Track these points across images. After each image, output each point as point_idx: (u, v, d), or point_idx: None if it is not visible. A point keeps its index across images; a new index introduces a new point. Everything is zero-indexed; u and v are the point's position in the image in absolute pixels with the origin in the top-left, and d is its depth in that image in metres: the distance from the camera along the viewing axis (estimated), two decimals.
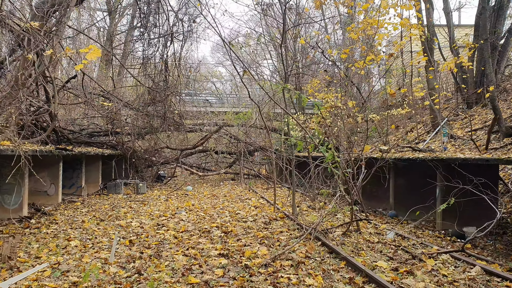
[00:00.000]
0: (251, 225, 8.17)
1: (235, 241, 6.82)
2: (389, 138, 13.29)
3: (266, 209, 10.17)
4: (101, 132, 16.29)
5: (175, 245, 6.67)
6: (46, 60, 11.64)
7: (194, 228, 7.93)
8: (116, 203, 11.52)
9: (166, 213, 9.68)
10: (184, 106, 18.91)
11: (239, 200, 12.23)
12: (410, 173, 11.15)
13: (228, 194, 13.93)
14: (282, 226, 8.05)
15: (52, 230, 7.40)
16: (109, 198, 12.84)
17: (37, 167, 11.50)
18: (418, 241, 6.98)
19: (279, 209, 9.73)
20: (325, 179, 11.43)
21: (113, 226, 8.11)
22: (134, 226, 8.13)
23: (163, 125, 16.81)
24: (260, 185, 17.64)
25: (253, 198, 12.64)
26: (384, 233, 7.65)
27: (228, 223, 8.41)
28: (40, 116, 12.50)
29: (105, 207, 10.53)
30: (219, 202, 11.77)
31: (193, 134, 21.25)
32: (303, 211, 9.81)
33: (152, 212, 9.86)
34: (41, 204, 11.05)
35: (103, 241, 6.77)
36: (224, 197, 13.13)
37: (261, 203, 11.30)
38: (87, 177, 14.84)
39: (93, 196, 13.19)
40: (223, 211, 10.02)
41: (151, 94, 16.43)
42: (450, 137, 12.55)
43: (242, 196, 13.27)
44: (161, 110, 16.68)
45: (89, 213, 9.52)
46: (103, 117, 15.51)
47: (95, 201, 11.80)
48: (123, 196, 13.29)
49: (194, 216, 9.35)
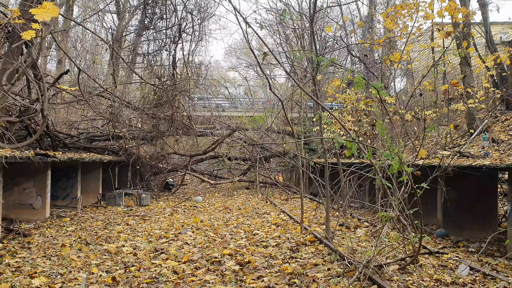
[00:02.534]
0: (274, 252, 6.35)
1: (254, 279, 5.01)
2: (417, 142, 11.38)
3: (290, 228, 8.33)
4: (102, 136, 14.74)
5: (173, 285, 4.90)
6: (35, 52, 10.14)
7: (200, 256, 6.15)
8: (112, 218, 9.85)
9: (168, 233, 7.94)
10: (194, 109, 17.29)
11: (255, 215, 10.43)
12: (463, 184, 9.17)
13: (243, 207, 12.14)
14: (314, 254, 6.20)
15: (17, 261, 5.72)
16: (106, 211, 11.19)
17: (22, 176, 9.94)
18: (510, 281, 5.03)
19: (307, 229, 7.87)
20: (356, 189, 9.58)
21: (99, 252, 6.39)
22: (126, 253, 6.41)
23: (170, 128, 15.19)
24: (278, 195, 15.80)
25: (272, 212, 10.81)
26: (452, 266, 5.73)
27: (244, 248, 6.61)
28: (31, 117, 11.00)
29: (97, 224, 8.85)
30: (233, 217, 9.99)
31: (203, 139, 19.59)
32: (335, 230, 7.94)
33: (152, 231, 8.13)
34: (25, 220, 9.46)
35: (79, 278, 5.04)
36: (238, 211, 11.34)
37: (282, 220, 9.47)
38: (85, 186, 13.26)
39: (89, 209, 11.56)
40: (238, 230, 8.22)
41: (157, 94, 14.84)
42: (492, 141, 10.67)
43: (259, 209, 11.46)
44: (168, 111, 15.08)
45: (75, 233, 7.84)
46: (105, 119, 13.94)
47: (88, 216, 10.16)
48: (123, 208, 11.62)
49: (202, 237, 7.58)
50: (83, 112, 14.59)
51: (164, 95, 14.61)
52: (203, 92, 20.98)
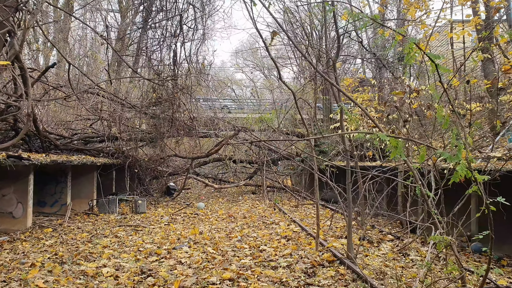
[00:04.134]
0: (285, 275, 5.19)
1: None
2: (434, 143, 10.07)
3: (303, 243, 7.14)
4: (97, 137, 13.71)
5: None
6: (17, 44, 9.13)
7: (195, 281, 5.01)
8: (101, 228, 8.75)
9: (161, 248, 6.82)
10: (197, 108, 16.20)
11: (263, 225, 9.26)
12: (504, 190, 7.93)
13: (249, 215, 10.98)
14: (335, 280, 5.02)
15: None
16: (97, 220, 10.11)
17: (0, 181, 8.94)
18: None
19: (323, 245, 6.68)
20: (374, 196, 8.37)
21: (73, 275, 5.28)
22: (106, 275, 5.29)
23: (171, 128, 14.11)
24: (286, 200, 14.61)
25: (281, 221, 9.64)
26: None
27: (249, 270, 5.45)
28: (15, 115, 10.00)
29: (82, 237, 7.76)
30: (237, 228, 8.84)
31: (206, 140, 18.48)
32: (357, 246, 6.76)
33: (143, 246, 7.01)
34: (3, 230, 8.43)
35: None
36: (243, 219, 10.19)
37: (293, 231, 8.29)
38: (77, 191, 12.23)
39: (79, 217, 10.49)
40: (242, 245, 7.06)
41: (156, 92, 13.78)
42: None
43: (267, 218, 10.29)
44: (168, 110, 14.00)
45: (53, 248, 6.76)
46: (98, 117, 12.89)
47: (75, 225, 9.08)
48: (116, 217, 10.54)
49: (200, 253, 6.44)
50: (76, 111, 13.56)
51: (164, 93, 13.55)
52: (207, 93, 19.91)
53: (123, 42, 19.85)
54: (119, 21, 22.13)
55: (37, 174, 11.02)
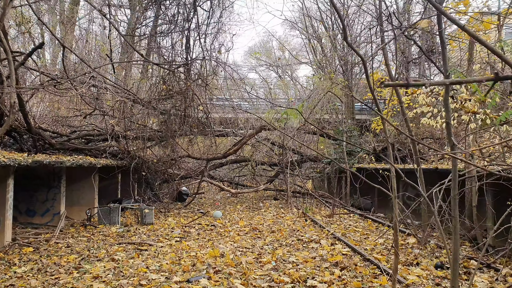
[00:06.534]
0: None
1: None
2: None
3: (365, 274, 5.21)
4: (100, 135, 12.01)
5: None
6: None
7: None
8: (95, 247, 6.97)
9: (170, 280, 4.99)
10: (212, 103, 14.44)
11: (298, 243, 7.34)
12: None
13: (276, 227, 9.09)
14: None
15: None
16: (94, 233, 8.35)
17: None
18: None
19: (401, 282, 4.73)
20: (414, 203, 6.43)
21: None
22: None
23: (183, 126, 12.33)
24: (315, 208, 12.69)
25: (321, 239, 7.70)
26: None
27: None
28: None
29: (69, 260, 5.98)
30: (266, 247, 6.96)
31: (223, 140, 16.68)
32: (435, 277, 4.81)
33: (146, 276, 5.19)
34: None
35: None
36: (271, 233, 8.31)
37: (342, 253, 6.37)
38: (76, 198, 10.58)
39: (73, 230, 8.74)
40: (279, 275, 5.17)
41: (166, 84, 12.03)
42: None
43: (300, 233, 8.39)
44: (181, 106, 12.24)
45: (22, 281, 4.97)
46: (102, 114, 11.21)
47: (65, 242, 7.32)
48: (118, 229, 8.77)
49: None
50: (75, 105, 11.88)
51: (175, 84, 11.79)
52: (221, 88, 18.10)
53: (130, 27, 18.11)
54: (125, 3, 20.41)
55: (27, 178, 9.39)
